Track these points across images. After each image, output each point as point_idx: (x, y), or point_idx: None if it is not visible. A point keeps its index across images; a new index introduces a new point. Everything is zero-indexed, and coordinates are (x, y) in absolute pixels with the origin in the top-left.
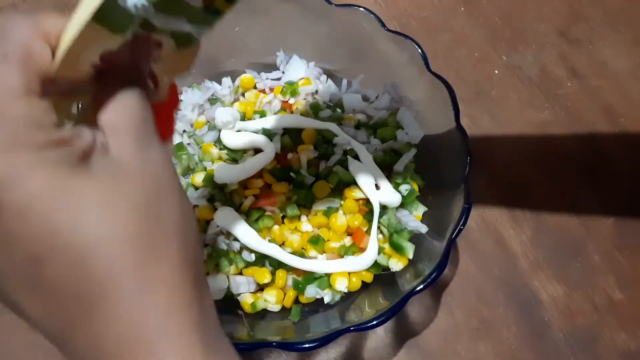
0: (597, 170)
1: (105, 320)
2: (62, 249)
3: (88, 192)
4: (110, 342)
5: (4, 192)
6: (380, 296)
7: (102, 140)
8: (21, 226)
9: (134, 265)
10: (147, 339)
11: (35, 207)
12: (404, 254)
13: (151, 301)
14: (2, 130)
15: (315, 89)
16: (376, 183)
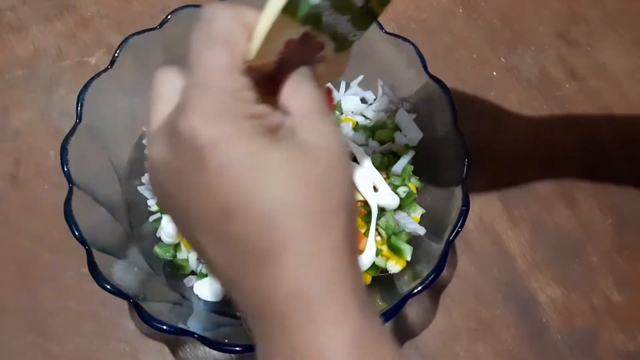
0: (596, 171)
1: (277, 276)
2: (251, 206)
3: (279, 162)
4: (278, 296)
5: (211, 153)
6: (379, 298)
7: (289, 121)
8: (219, 183)
9: (310, 231)
10: (312, 298)
11: (234, 168)
12: (402, 255)
13: (320, 265)
14: (213, 100)
15: None
16: (374, 185)
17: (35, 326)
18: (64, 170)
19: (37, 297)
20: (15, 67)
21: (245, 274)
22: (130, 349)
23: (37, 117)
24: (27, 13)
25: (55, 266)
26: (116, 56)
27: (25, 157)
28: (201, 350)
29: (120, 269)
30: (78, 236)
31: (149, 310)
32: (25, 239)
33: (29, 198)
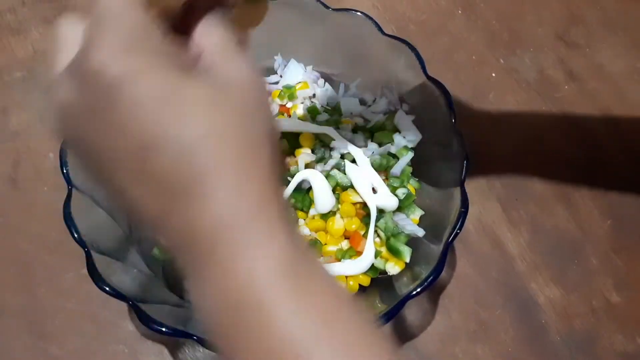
0: (594, 172)
1: (202, 207)
2: (169, 140)
3: (196, 94)
4: (204, 229)
5: (120, 88)
6: (378, 299)
7: (203, 60)
8: (134, 118)
9: (233, 160)
10: (238, 227)
11: (148, 103)
12: (401, 257)
13: (246, 192)
14: (120, 34)
15: (312, 93)
16: (373, 187)
17: (34, 327)
18: (63, 172)
19: (36, 299)
20: (14, 68)
21: (169, 211)
22: (130, 350)
23: (36, 119)
24: (27, 15)
25: (54, 268)
26: None
27: (24, 159)
28: (200, 352)
29: (120, 271)
30: (77, 238)
31: (148, 313)
32: (24, 240)
33: (28, 200)
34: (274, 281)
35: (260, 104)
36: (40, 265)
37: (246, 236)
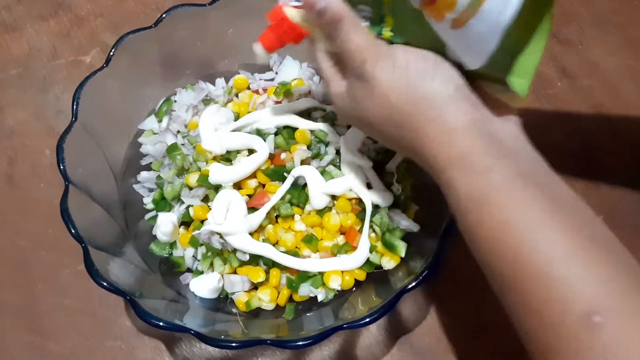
0: (587, 168)
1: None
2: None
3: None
4: (438, 155)
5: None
6: (373, 294)
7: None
8: (388, 98)
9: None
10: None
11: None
12: (396, 252)
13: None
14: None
15: (308, 90)
16: (368, 182)
17: (32, 324)
18: (60, 168)
19: (33, 296)
20: (9, 66)
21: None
22: (127, 346)
23: (32, 116)
24: (22, 12)
25: (51, 264)
26: (111, 55)
27: (20, 156)
28: (197, 347)
29: (117, 266)
30: (74, 234)
31: (145, 307)
32: (21, 237)
33: (24, 197)
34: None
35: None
36: (37, 262)
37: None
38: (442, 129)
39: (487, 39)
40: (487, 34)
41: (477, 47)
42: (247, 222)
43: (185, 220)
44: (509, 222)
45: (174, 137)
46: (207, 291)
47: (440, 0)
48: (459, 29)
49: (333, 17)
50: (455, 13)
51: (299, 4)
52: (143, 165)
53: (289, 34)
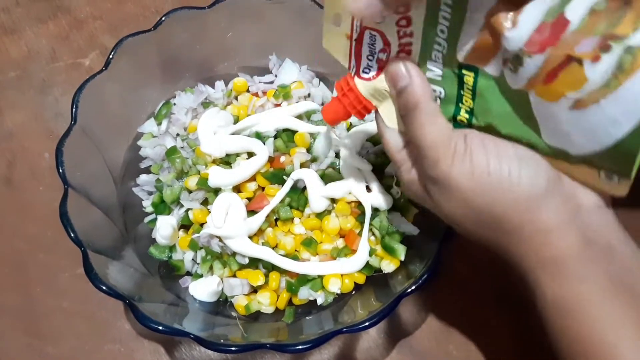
0: None
1: (518, 242)
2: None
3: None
4: (526, 255)
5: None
6: (373, 297)
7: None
8: (470, 198)
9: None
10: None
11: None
12: (395, 255)
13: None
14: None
15: (307, 92)
16: (368, 185)
17: (30, 328)
18: (59, 171)
19: (32, 299)
20: (8, 68)
21: (498, 239)
22: (126, 349)
23: (31, 119)
24: (21, 14)
25: (50, 267)
26: (111, 58)
27: (19, 159)
28: (197, 351)
29: (116, 270)
30: (74, 237)
31: (144, 311)
32: (20, 240)
33: (23, 200)
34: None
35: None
36: (35, 265)
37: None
38: (534, 230)
39: (619, 123)
40: (621, 117)
41: (601, 131)
42: (247, 226)
43: (184, 223)
44: (594, 338)
45: (174, 140)
46: (207, 294)
47: (560, 79)
48: (581, 109)
49: (408, 102)
50: (580, 93)
51: (368, 77)
52: (142, 169)
53: (353, 106)
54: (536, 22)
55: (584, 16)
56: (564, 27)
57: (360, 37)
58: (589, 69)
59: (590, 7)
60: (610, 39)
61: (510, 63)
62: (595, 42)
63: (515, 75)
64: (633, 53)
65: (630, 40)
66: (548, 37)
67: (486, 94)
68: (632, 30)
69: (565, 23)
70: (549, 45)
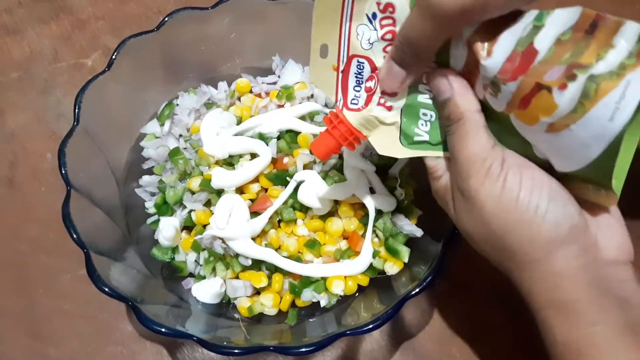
0: None
1: (530, 278)
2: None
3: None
4: (536, 293)
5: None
6: (376, 300)
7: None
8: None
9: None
10: (560, 297)
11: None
12: (399, 257)
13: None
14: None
15: (310, 93)
16: (371, 187)
17: (32, 330)
18: (61, 172)
19: (33, 300)
20: (10, 69)
21: (510, 268)
22: (128, 351)
23: (33, 120)
24: (23, 15)
25: (51, 269)
26: (113, 58)
27: (21, 160)
28: (199, 353)
29: (118, 271)
30: (76, 239)
31: (147, 313)
32: (21, 242)
33: (25, 201)
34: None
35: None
36: (37, 267)
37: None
38: (548, 271)
39: (590, 146)
40: (591, 141)
41: (576, 153)
42: (250, 227)
43: (187, 224)
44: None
45: (176, 141)
46: (209, 296)
47: (533, 105)
48: (555, 133)
49: (451, 114)
50: (552, 118)
51: (357, 107)
52: (145, 170)
53: (345, 137)
54: (508, 51)
55: (550, 46)
56: (534, 57)
57: (347, 67)
58: (557, 96)
59: (556, 37)
60: (575, 68)
61: (490, 88)
62: (562, 70)
63: (496, 99)
64: (596, 81)
65: (593, 69)
66: (518, 66)
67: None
68: (594, 60)
69: (534, 53)
70: (520, 74)
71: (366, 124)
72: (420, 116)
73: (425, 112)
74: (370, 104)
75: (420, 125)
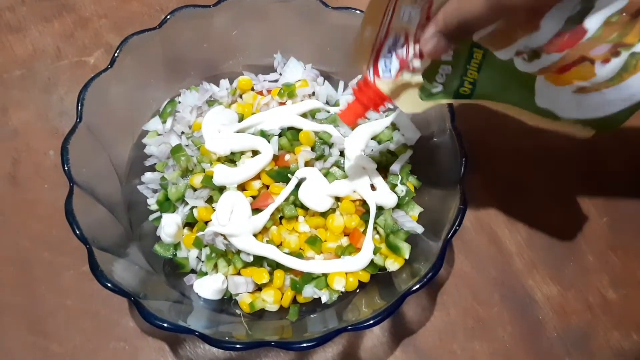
0: (591, 171)
1: None
2: None
3: None
4: None
5: None
6: (377, 296)
7: None
8: None
9: None
10: None
11: None
12: (400, 254)
13: None
14: None
15: (312, 91)
16: (372, 184)
17: (35, 325)
18: (64, 169)
19: (36, 297)
20: (13, 67)
21: None
22: (130, 347)
23: (36, 117)
24: (26, 13)
25: (54, 265)
26: (116, 56)
27: (24, 157)
28: (201, 348)
29: (121, 267)
30: (79, 235)
31: (149, 308)
32: (24, 238)
33: (28, 198)
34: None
35: None
36: (40, 263)
37: None
38: None
39: (612, 105)
40: (616, 102)
41: (598, 109)
42: (251, 224)
43: (189, 221)
44: None
45: (178, 138)
46: (211, 292)
47: (572, 72)
48: (584, 94)
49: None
50: (588, 83)
51: (388, 77)
52: (147, 166)
53: (373, 101)
54: (556, 28)
55: (599, 26)
56: (582, 35)
57: (384, 39)
58: (599, 67)
59: (604, 19)
60: (620, 47)
61: (525, 54)
62: (607, 48)
63: (528, 64)
64: (636, 58)
65: (635, 47)
66: (566, 41)
67: (490, 69)
68: (637, 40)
69: (583, 32)
70: (566, 48)
71: (395, 89)
72: (438, 71)
73: (444, 67)
74: (401, 71)
75: (437, 79)
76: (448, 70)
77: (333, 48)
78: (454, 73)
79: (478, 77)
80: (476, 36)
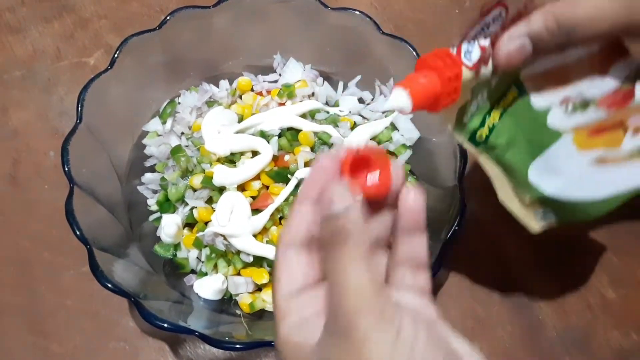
0: None
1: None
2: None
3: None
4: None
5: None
6: None
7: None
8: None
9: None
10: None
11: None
12: None
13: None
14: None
15: (311, 91)
16: None
17: (35, 326)
18: (64, 170)
19: (36, 297)
20: (13, 67)
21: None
22: (130, 347)
23: (36, 118)
24: (26, 14)
25: (54, 266)
26: (116, 57)
27: (24, 157)
28: (201, 349)
29: (121, 267)
30: (79, 235)
31: (149, 309)
32: (24, 238)
33: (28, 198)
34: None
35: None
36: (40, 264)
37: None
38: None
39: (618, 184)
40: (624, 181)
41: (599, 187)
42: (251, 224)
43: (189, 221)
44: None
45: (178, 139)
46: (211, 293)
47: (606, 135)
48: (599, 166)
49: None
50: (609, 152)
51: (469, 64)
52: (147, 167)
53: (450, 66)
54: (619, 82)
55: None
56: (630, 98)
57: (485, 13)
58: (627, 138)
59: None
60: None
61: (572, 103)
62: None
63: (567, 116)
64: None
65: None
66: (620, 100)
67: (512, 118)
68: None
69: (631, 95)
70: (616, 107)
71: (466, 82)
72: (477, 96)
73: (480, 100)
74: (480, 64)
75: (469, 109)
76: (482, 101)
77: (333, 49)
78: (479, 110)
79: (498, 123)
80: (527, 70)
